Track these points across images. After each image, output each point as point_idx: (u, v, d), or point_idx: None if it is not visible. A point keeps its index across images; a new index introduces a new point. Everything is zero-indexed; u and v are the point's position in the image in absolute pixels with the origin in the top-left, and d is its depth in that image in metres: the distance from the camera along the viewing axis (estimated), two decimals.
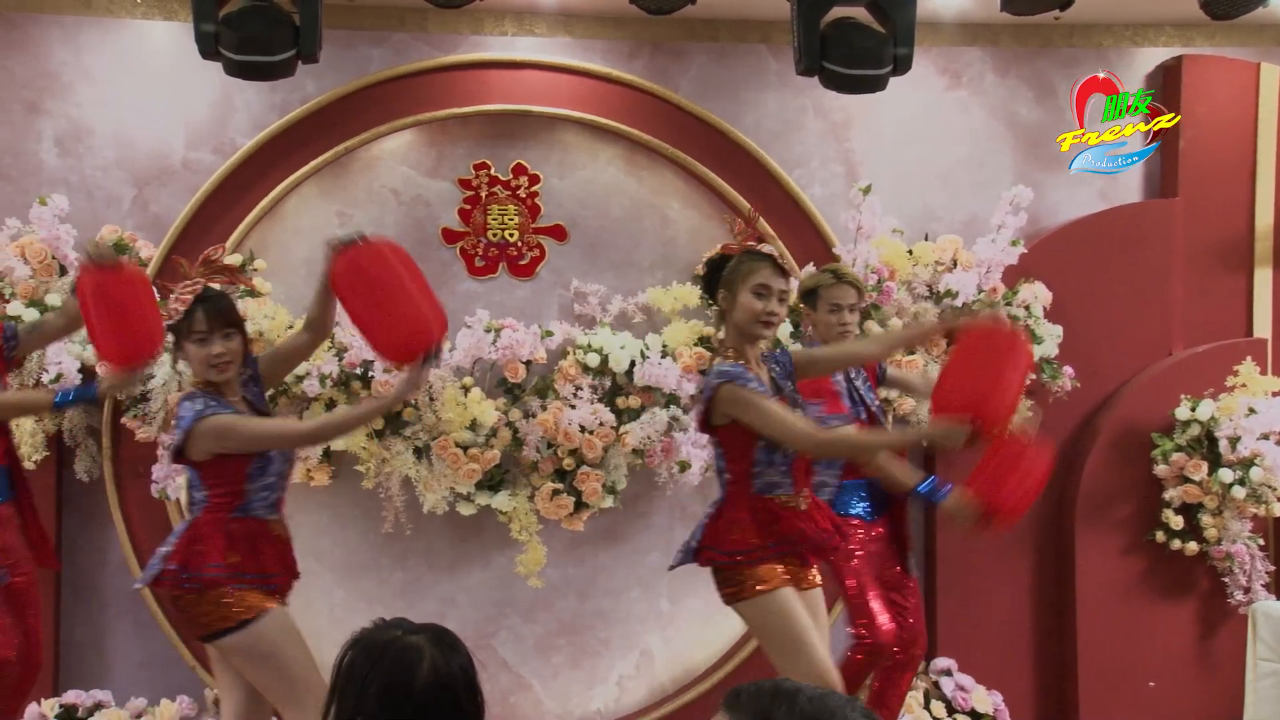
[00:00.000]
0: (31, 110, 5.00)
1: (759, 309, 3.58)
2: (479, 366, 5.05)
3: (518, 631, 5.29)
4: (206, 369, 3.55)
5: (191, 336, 3.53)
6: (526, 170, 5.25)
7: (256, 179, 5.01)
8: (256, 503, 3.55)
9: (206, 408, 3.46)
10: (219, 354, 3.53)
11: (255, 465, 3.51)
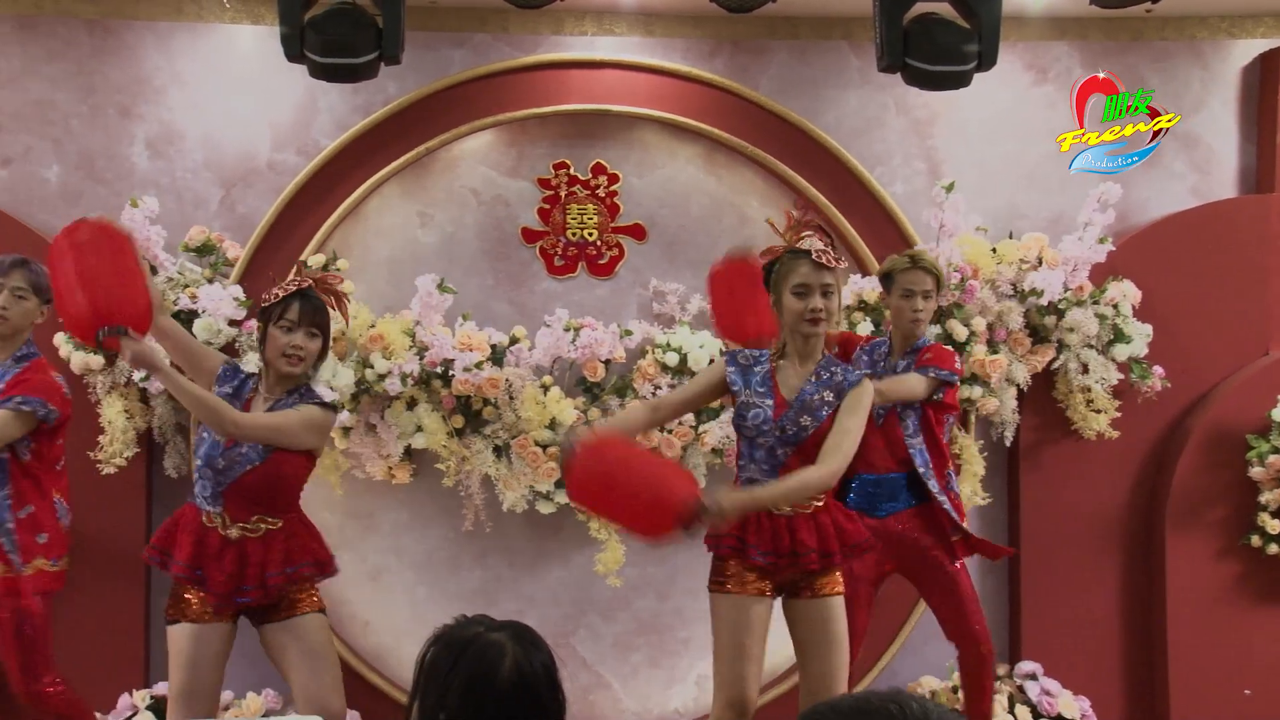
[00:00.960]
0: (125, 114, 5.12)
1: (801, 308, 3.59)
2: (558, 365, 5.08)
3: (596, 630, 5.32)
4: (279, 356, 3.68)
5: (279, 322, 3.68)
6: (606, 169, 5.27)
7: (339, 180, 5.09)
8: (196, 489, 3.68)
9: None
10: (296, 345, 3.66)
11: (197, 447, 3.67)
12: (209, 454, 3.64)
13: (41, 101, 5.07)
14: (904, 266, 4.33)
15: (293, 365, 3.68)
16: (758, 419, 3.62)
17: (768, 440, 3.62)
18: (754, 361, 3.70)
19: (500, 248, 5.25)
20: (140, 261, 3.69)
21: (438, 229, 5.25)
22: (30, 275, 4.19)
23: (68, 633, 4.85)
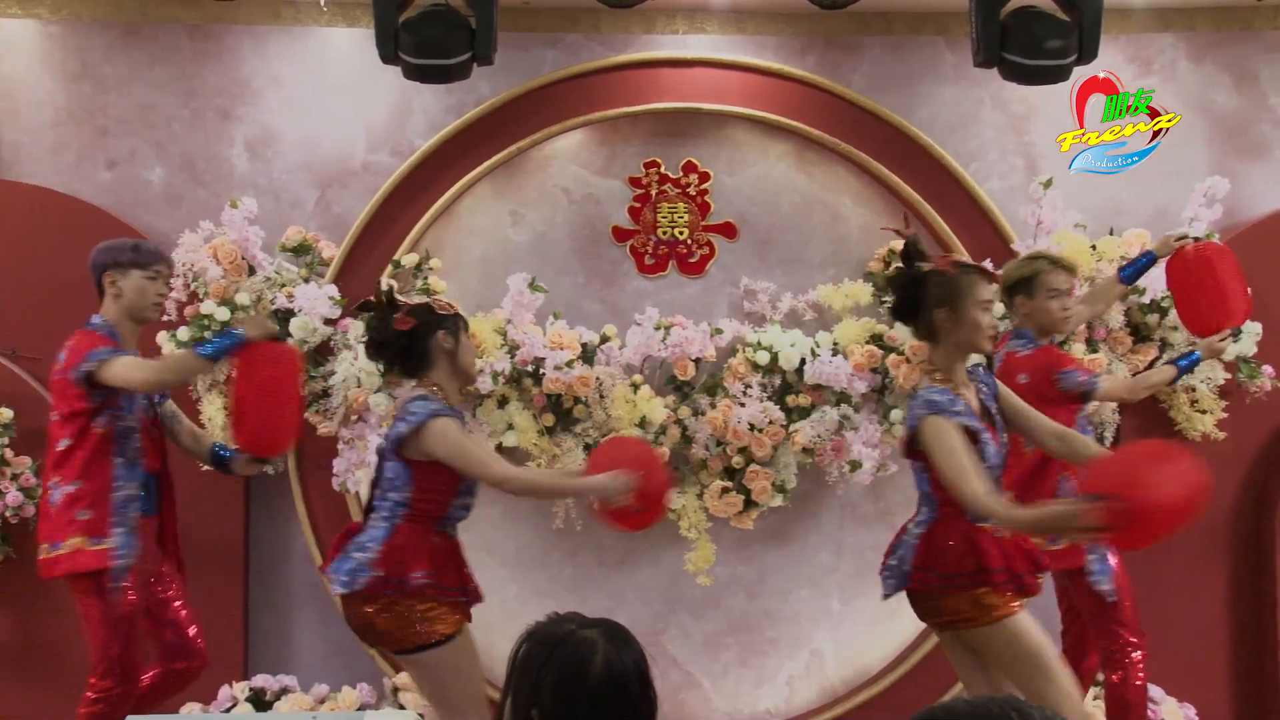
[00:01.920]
0: (224, 117, 5.23)
1: (987, 324, 3.50)
2: (648, 364, 5.09)
3: (686, 629, 5.32)
4: (473, 363, 3.82)
5: (468, 331, 3.78)
6: (697, 168, 5.27)
7: (432, 180, 5.14)
8: (453, 518, 3.67)
9: (443, 408, 3.58)
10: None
11: (465, 482, 3.62)
12: (476, 488, 3.68)
13: (145, 106, 5.20)
14: (1046, 268, 4.28)
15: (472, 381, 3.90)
16: (988, 451, 3.46)
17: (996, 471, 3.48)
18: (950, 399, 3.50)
19: (591, 246, 5.28)
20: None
21: (529, 228, 5.28)
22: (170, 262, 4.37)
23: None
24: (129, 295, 4.14)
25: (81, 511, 3.99)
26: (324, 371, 4.98)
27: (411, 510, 3.56)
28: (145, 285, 4.15)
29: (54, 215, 5.05)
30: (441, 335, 3.69)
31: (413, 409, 3.56)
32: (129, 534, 3.99)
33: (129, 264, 4.14)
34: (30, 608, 4.89)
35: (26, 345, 4.97)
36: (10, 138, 5.15)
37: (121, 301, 4.14)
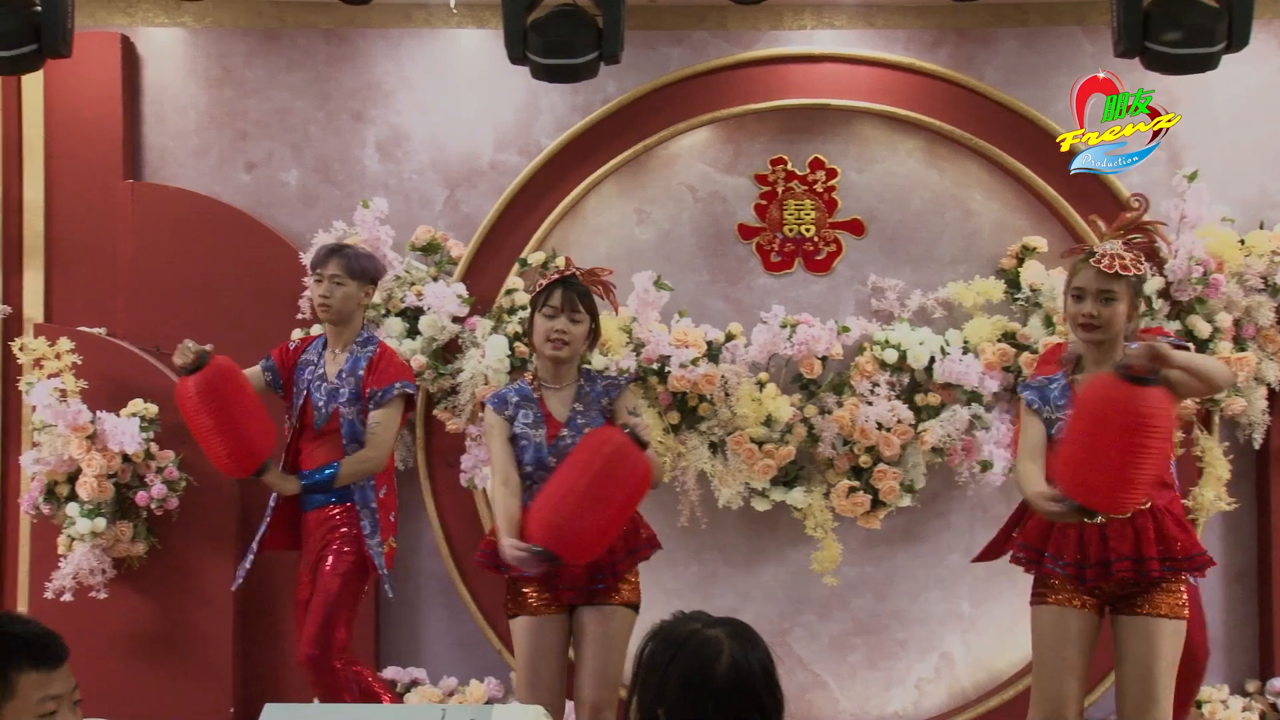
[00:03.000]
0: (357, 119, 5.33)
1: (1074, 312, 3.55)
2: (774, 362, 5.06)
3: (813, 629, 5.27)
4: (544, 342, 3.81)
5: (542, 309, 3.82)
6: (824, 164, 5.22)
7: (559, 178, 5.17)
8: (524, 493, 3.78)
9: (492, 398, 3.85)
10: (560, 330, 3.78)
11: (516, 451, 3.81)
12: (538, 456, 3.75)
13: (282, 109, 5.33)
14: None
15: (557, 349, 3.81)
16: (1061, 433, 3.52)
17: None
18: (1049, 380, 3.65)
19: (717, 244, 5.26)
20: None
21: (655, 226, 5.29)
22: (345, 261, 4.43)
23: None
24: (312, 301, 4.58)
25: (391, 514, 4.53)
26: (452, 369, 5.04)
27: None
28: (312, 289, 4.58)
29: (196, 216, 5.21)
30: (529, 317, 3.93)
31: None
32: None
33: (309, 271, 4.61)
34: (176, 598, 5.06)
35: (170, 343, 5.08)
36: (157, 142, 5.32)
37: None
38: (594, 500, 3.54)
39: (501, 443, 3.84)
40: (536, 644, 3.76)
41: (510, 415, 3.84)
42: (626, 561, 3.85)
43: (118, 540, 4.96)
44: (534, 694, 3.72)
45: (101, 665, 4.84)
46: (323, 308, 4.41)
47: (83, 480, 4.86)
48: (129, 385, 5.06)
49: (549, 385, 3.88)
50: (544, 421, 3.82)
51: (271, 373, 4.53)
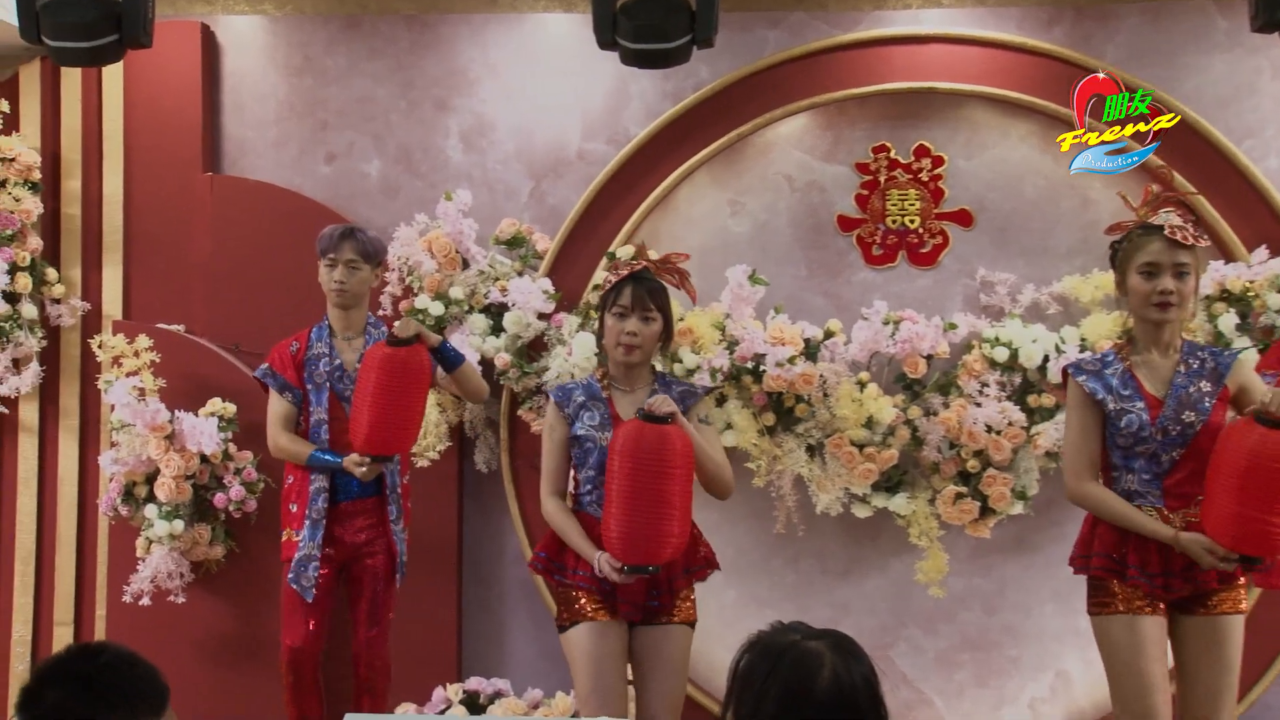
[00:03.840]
0: (440, 107, 5.39)
1: (1147, 290, 3.52)
2: (876, 361, 5.03)
3: (917, 643, 5.23)
4: (614, 346, 3.78)
5: (612, 309, 3.79)
6: (929, 152, 5.17)
7: (649, 168, 5.18)
8: (585, 496, 3.78)
9: (556, 392, 3.84)
10: (631, 332, 3.75)
11: (576, 455, 3.81)
12: (603, 460, 3.72)
13: (364, 98, 5.40)
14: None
15: (629, 354, 3.78)
16: (1133, 425, 3.52)
17: (1149, 447, 3.52)
18: (1103, 364, 3.61)
19: (815, 236, 5.24)
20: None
21: (750, 217, 5.28)
22: (359, 244, 4.57)
23: None
24: (322, 285, 4.60)
25: (292, 504, 4.56)
26: (537, 368, 5.07)
27: (572, 491, 3.86)
28: (324, 274, 4.57)
29: (276, 210, 5.30)
30: (600, 316, 3.92)
31: None
32: (313, 526, 4.46)
33: (317, 255, 4.60)
34: (255, 602, 5.16)
35: (249, 340, 5.22)
36: (236, 133, 5.43)
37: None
38: (658, 500, 3.56)
39: (556, 444, 3.84)
40: (602, 650, 3.72)
41: (571, 414, 3.81)
42: (683, 580, 3.85)
43: (196, 543, 5.07)
44: (604, 704, 3.69)
45: (179, 671, 4.82)
46: (339, 292, 4.53)
47: (161, 481, 4.97)
48: (207, 384, 5.17)
49: (620, 387, 3.87)
50: (610, 424, 3.78)
51: (291, 393, 4.60)
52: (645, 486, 3.54)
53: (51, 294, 5.33)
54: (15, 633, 5.31)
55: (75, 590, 5.33)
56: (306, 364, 4.59)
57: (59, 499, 5.36)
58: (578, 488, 3.82)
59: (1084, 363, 3.67)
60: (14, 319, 5.20)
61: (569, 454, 3.87)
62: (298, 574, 4.47)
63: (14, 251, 5.21)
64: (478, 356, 5.03)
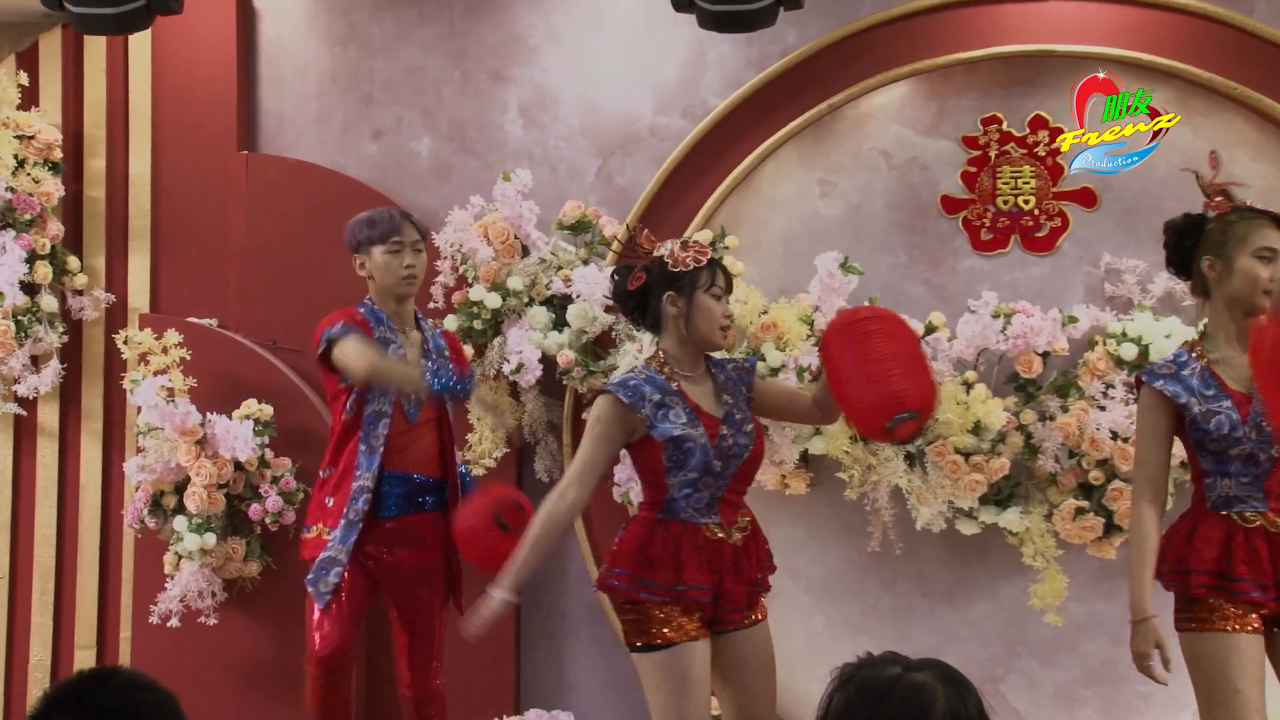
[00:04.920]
0: (497, 79, 5.37)
1: (1264, 276, 3.57)
2: (984, 359, 4.96)
3: (1033, 676, 5.13)
4: (716, 329, 3.79)
5: (710, 289, 3.78)
6: (1047, 123, 5.07)
7: (729, 145, 5.15)
8: (681, 502, 3.70)
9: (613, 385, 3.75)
10: (729, 315, 3.82)
11: (670, 457, 3.67)
12: (705, 460, 3.70)
13: (413, 69, 5.40)
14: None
15: (726, 337, 3.86)
16: (1223, 427, 3.52)
17: (1244, 448, 3.52)
18: (1179, 365, 3.63)
19: (915, 220, 5.17)
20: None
21: (841, 199, 5.21)
22: (418, 225, 4.46)
23: None
24: (378, 275, 4.35)
25: (329, 497, 4.32)
26: (604, 366, 5.04)
27: (644, 500, 3.78)
28: (389, 261, 4.33)
29: (318, 192, 5.33)
30: (670, 296, 3.76)
31: None
32: (348, 528, 4.25)
33: (367, 241, 4.34)
34: (293, 624, 5.10)
35: (287, 336, 5.23)
36: (274, 107, 5.46)
37: (374, 283, 4.36)
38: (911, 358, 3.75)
39: (608, 445, 3.74)
40: (702, 673, 3.68)
41: (649, 416, 3.71)
42: (765, 580, 3.88)
43: (229, 559, 5.09)
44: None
45: (210, 699, 4.94)
46: (409, 280, 4.36)
47: (191, 490, 5.00)
48: (242, 383, 5.19)
49: (685, 374, 3.80)
50: (697, 419, 3.74)
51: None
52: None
53: (73, 285, 5.40)
54: (34, 656, 5.39)
55: (98, 610, 5.38)
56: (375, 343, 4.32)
57: (80, 509, 5.41)
58: (665, 494, 3.73)
59: (1157, 367, 3.68)
60: (33, 312, 5.27)
61: (615, 457, 3.88)
62: (317, 578, 4.25)
63: (33, 238, 5.27)
64: (538, 354, 4.98)
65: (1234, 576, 3.51)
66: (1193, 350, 3.66)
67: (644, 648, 3.69)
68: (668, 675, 3.67)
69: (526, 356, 5.01)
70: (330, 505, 4.31)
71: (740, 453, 3.73)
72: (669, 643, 3.66)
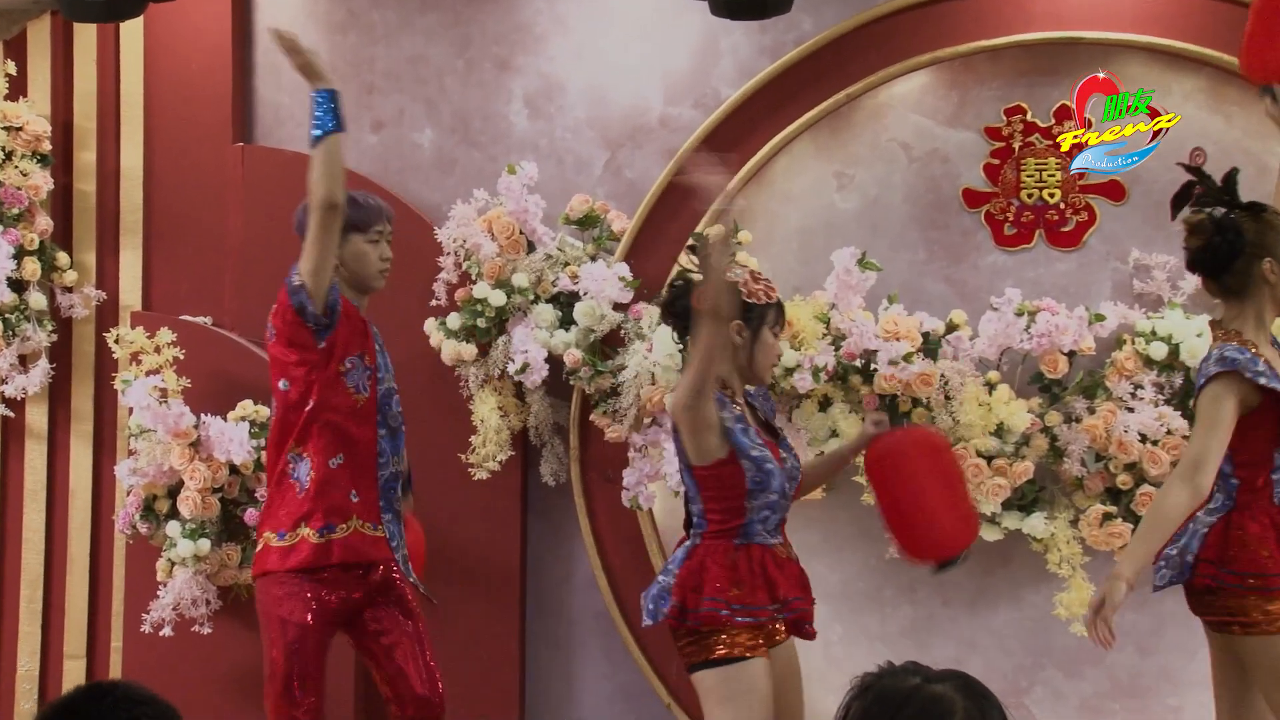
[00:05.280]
0: (502, 68, 5.36)
1: None
2: (1008, 358, 4.95)
3: (1058, 688, 5.11)
4: (769, 367, 3.99)
5: (774, 326, 3.91)
6: (1073, 114, 5.02)
7: (742, 136, 5.13)
8: (757, 523, 3.76)
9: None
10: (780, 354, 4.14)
11: (754, 479, 3.72)
12: (782, 484, 3.78)
13: (415, 58, 5.40)
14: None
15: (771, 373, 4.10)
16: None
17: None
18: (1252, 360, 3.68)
19: (936, 214, 5.16)
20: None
21: (859, 192, 5.20)
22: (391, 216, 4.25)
23: (436, 654, 5.08)
24: (349, 264, 4.09)
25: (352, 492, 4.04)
26: (613, 366, 5.03)
27: (709, 525, 3.76)
28: (366, 251, 4.11)
29: None
30: (737, 326, 3.83)
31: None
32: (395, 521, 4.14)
33: (349, 226, 4.05)
34: None
35: None
36: (271, 98, 5.46)
37: (342, 272, 4.08)
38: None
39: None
40: (764, 691, 3.73)
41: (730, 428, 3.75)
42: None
43: (223, 566, 5.08)
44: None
45: (205, 711, 4.93)
46: (385, 274, 4.16)
47: (185, 495, 5.00)
48: (237, 384, 5.17)
49: (737, 401, 3.87)
50: (762, 441, 3.84)
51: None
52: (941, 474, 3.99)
53: (63, 281, 5.38)
54: (21, 666, 5.38)
55: (88, 619, 5.36)
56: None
57: (70, 514, 5.39)
58: (744, 517, 3.76)
59: (1243, 361, 3.67)
60: (20, 310, 5.28)
61: None
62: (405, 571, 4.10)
63: (21, 233, 5.27)
64: (545, 353, 4.96)
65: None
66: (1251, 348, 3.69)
67: (715, 662, 3.73)
68: (738, 689, 3.74)
69: (532, 356, 4.99)
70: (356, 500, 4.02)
71: (795, 475, 3.88)
72: (739, 656, 3.73)
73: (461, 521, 5.16)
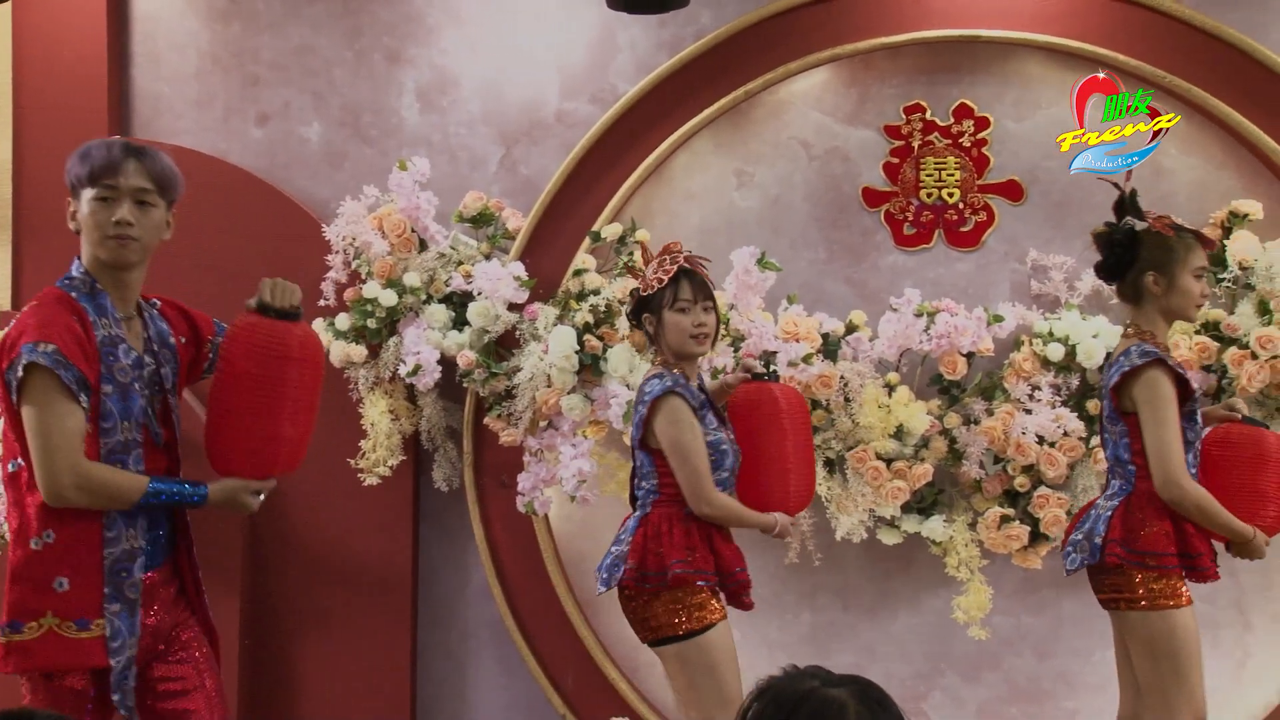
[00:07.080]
0: (393, 60, 5.36)
1: (1200, 292, 4.09)
2: (907, 359, 5.03)
3: (956, 693, 5.21)
4: (686, 339, 4.15)
5: (675, 305, 4.14)
6: (973, 112, 5.16)
7: (641, 132, 5.17)
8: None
9: (675, 384, 4.07)
10: (701, 324, 4.15)
11: (711, 459, 4.09)
12: (735, 463, 4.19)
13: (302, 48, 5.37)
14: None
15: (702, 344, 4.18)
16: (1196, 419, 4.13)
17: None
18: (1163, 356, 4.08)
19: (836, 213, 5.23)
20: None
21: (759, 190, 5.26)
22: (151, 166, 3.38)
23: (323, 666, 5.11)
24: (84, 226, 3.37)
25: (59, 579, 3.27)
26: (507, 367, 5.05)
27: (661, 495, 4.11)
28: (92, 208, 3.32)
29: (198, 181, 5.07)
30: (648, 319, 4.21)
31: (645, 389, 4.12)
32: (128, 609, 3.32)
33: (76, 181, 3.36)
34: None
35: None
36: (149, 88, 5.40)
37: (83, 237, 3.39)
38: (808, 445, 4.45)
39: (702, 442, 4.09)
40: (733, 650, 4.10)
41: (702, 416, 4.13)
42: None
43: None
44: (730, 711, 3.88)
45: None
46: (121, 240, 3.32)
47: None
48: None
49: (695, 383, 4.21)
50: (722, 420, 4.24)
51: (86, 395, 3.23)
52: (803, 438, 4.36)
53: None
54: None
55: None
56: (102, 351, 3.31)
57: None
58: None
59: (1162, 353, 4.02)
60: None
61: None
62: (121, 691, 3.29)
63: None
64: (437, 354, 4.99)
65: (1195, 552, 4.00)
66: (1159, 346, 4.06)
67: (691, 633, 4.04)
68: (716, 654, 4.06)
69: (424, 357, 5.00)
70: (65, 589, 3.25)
71: (738, 453, 4.20)
72: (709, 624, 4.05)
73: (351, 529, 5.16)
